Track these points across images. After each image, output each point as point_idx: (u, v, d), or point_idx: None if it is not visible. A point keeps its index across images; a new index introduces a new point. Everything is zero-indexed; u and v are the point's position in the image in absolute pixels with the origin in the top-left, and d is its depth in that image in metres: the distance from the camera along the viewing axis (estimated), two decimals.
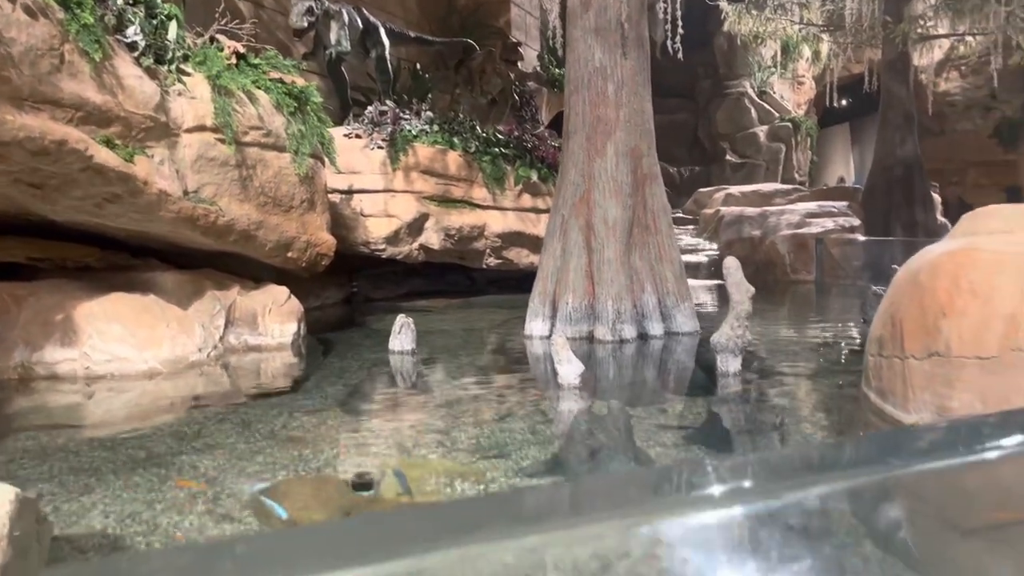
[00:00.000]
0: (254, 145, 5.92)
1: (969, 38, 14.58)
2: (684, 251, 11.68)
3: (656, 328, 6.46)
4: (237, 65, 5.96)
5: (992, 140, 18.35)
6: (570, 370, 4.60)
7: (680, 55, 7.08)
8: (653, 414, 4.30)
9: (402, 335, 5.85)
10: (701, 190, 16.81)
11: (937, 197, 13.35)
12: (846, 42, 14.15)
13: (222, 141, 5.57)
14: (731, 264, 4.81)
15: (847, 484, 1.11)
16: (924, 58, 16.29)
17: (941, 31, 15.23)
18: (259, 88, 6.07)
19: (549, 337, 6.21)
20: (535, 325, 6.64)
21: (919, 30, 13.46)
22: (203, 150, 5.46)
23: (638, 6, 6.47)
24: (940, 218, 13.73)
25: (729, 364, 4.85)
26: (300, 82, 6.55)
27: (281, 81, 6.29)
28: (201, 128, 5.46)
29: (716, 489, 0.92)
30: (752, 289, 4.82)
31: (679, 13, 6.91)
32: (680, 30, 7.10)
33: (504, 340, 6.93)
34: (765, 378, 5.00)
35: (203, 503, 2.91)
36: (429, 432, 3.89)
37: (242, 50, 6.11)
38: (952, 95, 21.00)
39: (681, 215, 16.37)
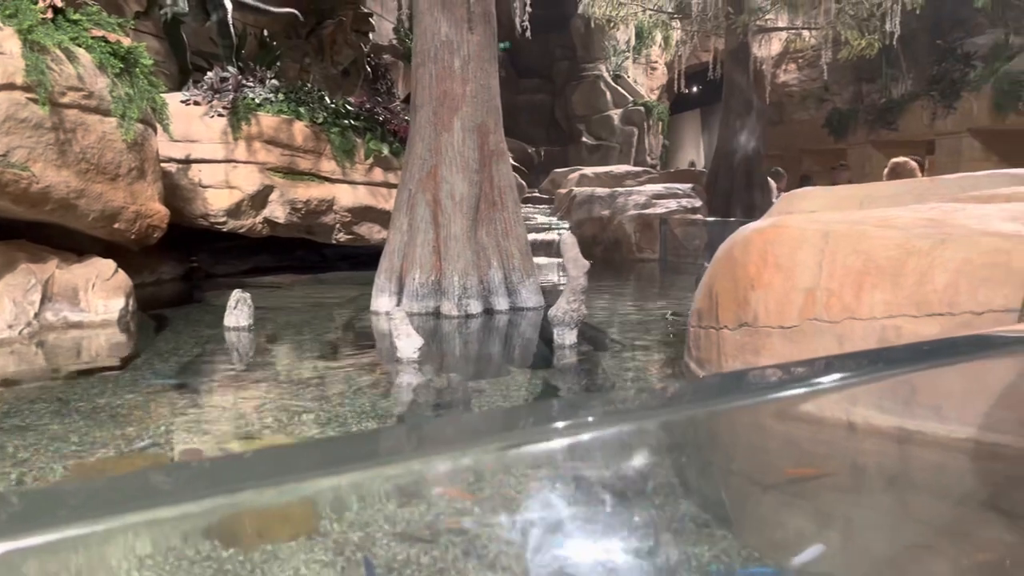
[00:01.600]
0: (73, 107, 5.51)
1: (805, 32, 15.52)
2: (538, 229, 11.90)
3: (502, 303, 6.54)
4: (54, 20, 5.52)
5: (824, 130, 19.63)
6: (409, 344, 4.59)
7: (528, 34, 7.14)
8: (493, 385, 4.38)
9: (238, 311, 5.65)
10: (557, 170, 17.12)
11: (773, 183, 14.18)
12: (693, 30, 14.74)
13: (35, 101, 5.14)
14: (567, 240, 4.93)
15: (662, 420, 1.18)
16: (764, 49, 17.22)
17: (781, 24, 16.15)
18: (79, 46, 5.64)
19: None
20: (382, 301, 6.58)
21: (758, 22, 14.20)
22: (12, 110, 5.02)
23: None
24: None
25: (566, 337, 4.98)
26: (127, 42, 6.13)
27: (105, 40, 5.87)
28: (10, 86, 5.02)
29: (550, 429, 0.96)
30: (587, 264, 4.97)
31: None
32: (529, 8, 7.15)
33: (352, 316, 6.84)
34: (600, 350, 5.18)
35: (5, 486, 2.75)
36: (266, 409, 3.80)
37: (60, 4, 5.66)
38: (790, 86, 22.31)
39: (538, 194, 16.63)
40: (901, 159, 6.46)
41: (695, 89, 23.79)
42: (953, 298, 2.96)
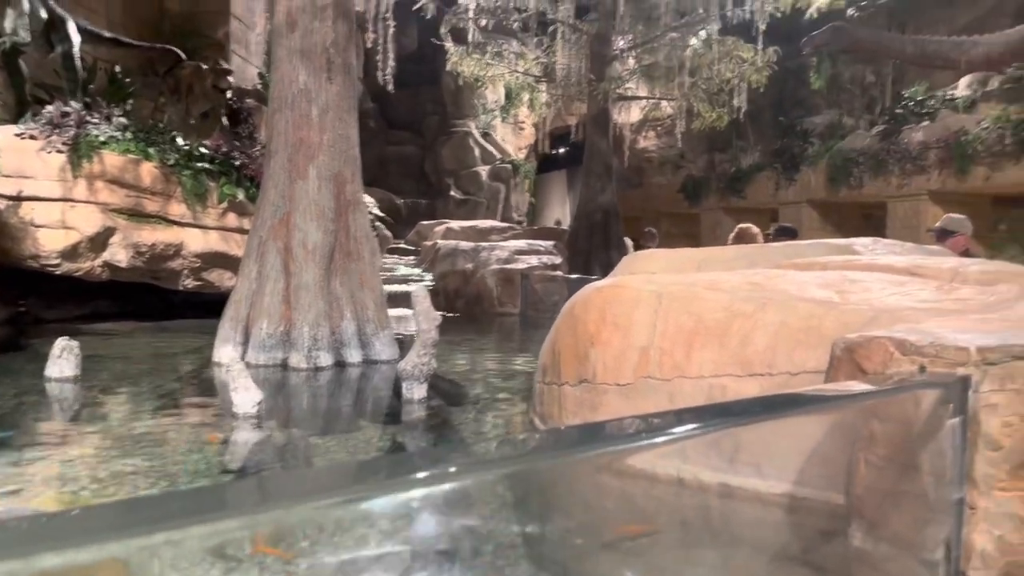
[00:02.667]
0: None
1: (662, 102, 16.42)
2: (402, 281, 11.81)
3: (354, 355, 6.40)
4: None
5: (680, 195, 20.68)
6: (246, 398, 4.39)
7: (391, 88, 7.17)
8: (338, 442, 4.25)
9: (63, 360, 5.25)
10: (423, 222, 17.19)
11: (630, 242, 14.76)
12: (558, 94, 15.29)
13: None
14: (419, 293, 4.90)
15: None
16: (624, 116, 18.08)
17: (640, 94, 17.03)
18: None
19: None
20: (226, 351, 6.28)
21: (619, 90, 14.91)
22: None
23: (346, 33, 6.47)
24: None
25: (415, 391, 4.92)
26: None
27: None
28: None
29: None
30: (438, 318, 4.95)
31: (390, 46, 7.01)
32: (393, 63, 7.20)
33: (195, 367, 6.51)
34: (452, 404, 5.14)
35: None
36: (86, 467, 3.52)
37: None
38: (649, 152, 23.50)
39: (404, 245, 16.59)
40: (744, 226, 6.87)
41: (562, 150, 24.62)
42: (772, 359, 3.12)
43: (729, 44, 13.44)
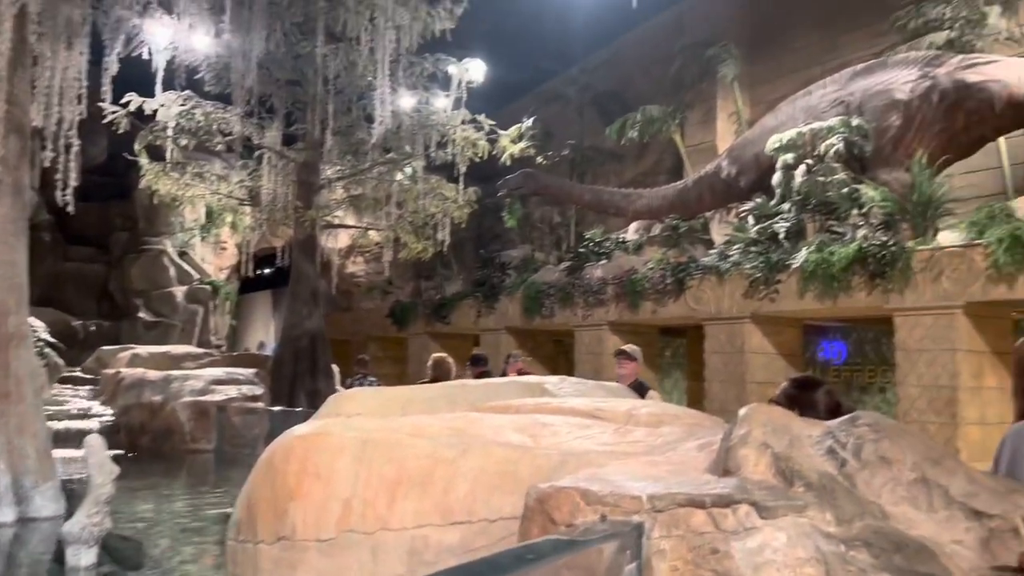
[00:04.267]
0: None
1: (371, 231, 16.77)
2: (76, 416, 10.47)
3: (7, 514, 5.50)
4: None
5: (388, 319, 20.94)
6: None
7: (71, 208, 6.51)
8: None
9: None
10: (105, 348, 15.55)
11: (336, 368, 14.54)
12: (263, 218, 14.98)
13: None
14: (94, 443, 4.37)
15: None
16: (332, 241, 18.14)
17: (349, 222, 17.29)
18: None
19: None
20: None
21: (327, 218, 14.99)
22: None
23: (18, 151, 5.84)
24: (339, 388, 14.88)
25: (82, 557, 4.29)
26: None
27: None
28: None
29: None
30: (116, 470, 4.42)
31: (72, 166, 6.43)
32: (73, 183, 6.57)
33: None
34: (127, 568, 4.56)
35: None
36: None
37: None
38: (358, 276, 23.75)
39: (80, 374, 14.84)
40: (440, 355, 7.09)
41: (267, 271, 23.96)
42: (472, 506, 3.18)
43: (433, 182, 14.22)
